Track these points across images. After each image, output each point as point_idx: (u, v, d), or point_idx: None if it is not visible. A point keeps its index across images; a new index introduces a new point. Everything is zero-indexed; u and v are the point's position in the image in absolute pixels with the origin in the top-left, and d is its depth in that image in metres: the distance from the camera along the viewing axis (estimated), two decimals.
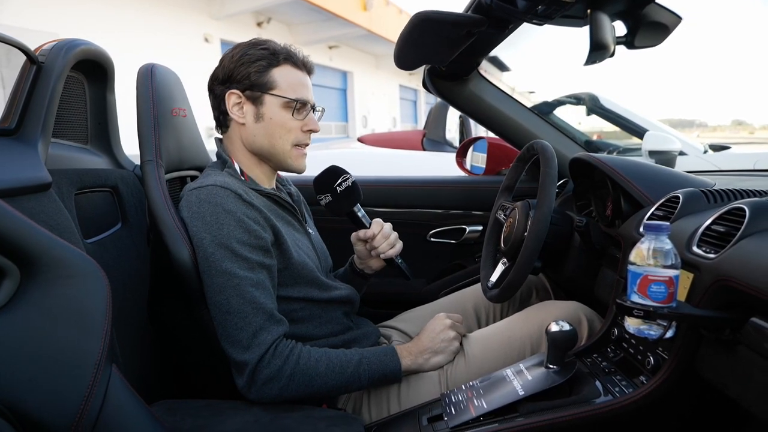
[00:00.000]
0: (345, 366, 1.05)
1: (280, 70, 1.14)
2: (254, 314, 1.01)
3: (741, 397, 0.76)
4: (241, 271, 1.02)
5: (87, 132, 1.24)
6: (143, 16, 8.67)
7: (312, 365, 1.03)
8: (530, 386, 0.96)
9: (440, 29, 1.17)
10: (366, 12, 13.51)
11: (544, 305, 1.27)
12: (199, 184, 1.08)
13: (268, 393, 1.01)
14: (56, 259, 0.72)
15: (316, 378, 1.02)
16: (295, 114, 1.15)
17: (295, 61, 1.16)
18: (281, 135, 1.16)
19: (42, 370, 0.67)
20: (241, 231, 1.03)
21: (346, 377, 1.05)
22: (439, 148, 3.88)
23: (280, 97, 1.13)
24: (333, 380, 1.04)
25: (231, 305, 1.01)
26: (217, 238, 1.02)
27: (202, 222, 1.04)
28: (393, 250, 1.29)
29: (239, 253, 1.02)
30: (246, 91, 1.14)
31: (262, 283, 1.04)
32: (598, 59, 0.94)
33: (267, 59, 1.13)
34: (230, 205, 1.04)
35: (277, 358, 1.01)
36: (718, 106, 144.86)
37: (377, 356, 1.09)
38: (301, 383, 1.02)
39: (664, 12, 0.93)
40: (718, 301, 0.78)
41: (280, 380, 1.00)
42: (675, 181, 1.17)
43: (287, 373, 1.01)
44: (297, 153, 1.19)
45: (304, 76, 1.18)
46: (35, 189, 0.90)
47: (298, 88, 1.15)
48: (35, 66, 1.01)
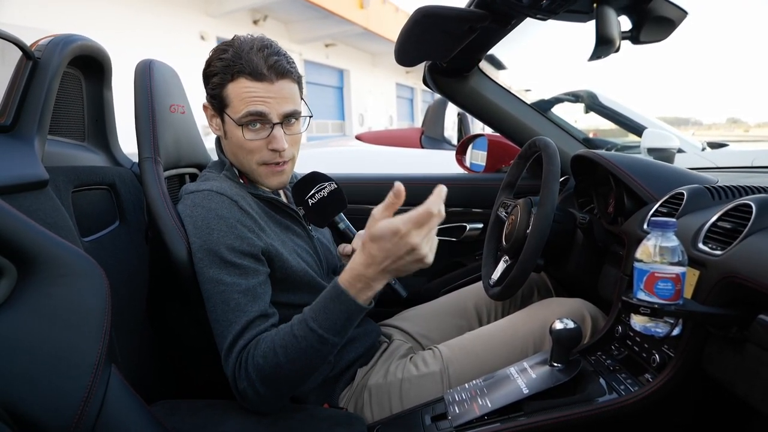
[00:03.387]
0: (296, 342, 0.89)
1: (234, 85, 1.02)
2: (236, 322, 0.95)
3: (748, 394, 0.75)
4: (228, 277, 0.97)
5: (84, 129, 1.23)
6: (139, 14, 8.64)
7: (265, 363, 0.90)
8: (534, 385, 0.95)
9: (442, 25, 1.16)
10: (363, 10, 13.50)
11: (547, 303, 1.26)
12: (196, 188, 1.06)
13: (254, 404, 0.94)
14: (54, 257, 0.71)
15: (279, 370, 0.90)
16: (248, 134, 1.04)
17: (250, 71, 1.00)
18: (243, 155, 1.08)
19: (40, 370, 0.66)
20: (233, 237, 0.98)
21: (308, 350, 0.88)
22: (437, 145, 3.87)
23: (230, 117, 1.04)
24: (298, 361, 0.89)
25: (217, 313, 0.97)
26: (206, 244, 0.99)
27: (194, 226, 1.01)
28: None
29: (228, 260, 0.97)
30: (212, 105, 1.09)
31: (251, 290, 0.98)
32: (603, 54, 0.94)
33: (221, 74, 1.03)
34: (224, 210, 1.00)
35: (243, 368, 0.92)
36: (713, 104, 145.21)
37: (325, 307, 0.88)
38: (272, 383, 0.91)
39: (670, 6, 0.92)
40: (725, 299, 0.78)
41: (255, 388, 0.91)
42: (678, 178, 1.17)
43: (253, 379, 0.91)
44: (266, 171, 1.09)
45: (264, 87, 1.01)
46: (32, 186, 0.89)
47: (252, 103, 1.01)
48: (31, 62, 1.00)
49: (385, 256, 0.83)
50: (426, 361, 1.16)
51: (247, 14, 11.80)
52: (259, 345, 0.93)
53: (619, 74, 31.45)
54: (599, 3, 0.90)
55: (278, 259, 1.05)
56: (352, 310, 0.88)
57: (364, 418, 1.08)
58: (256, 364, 0.91)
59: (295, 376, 0.92)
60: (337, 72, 16.69)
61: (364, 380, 1.16)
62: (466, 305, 1.42)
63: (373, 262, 0.84)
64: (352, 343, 1.18)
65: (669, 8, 0.93)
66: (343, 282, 0.88)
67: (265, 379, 0.91)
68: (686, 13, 0.94)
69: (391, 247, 0.82)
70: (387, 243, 0.81)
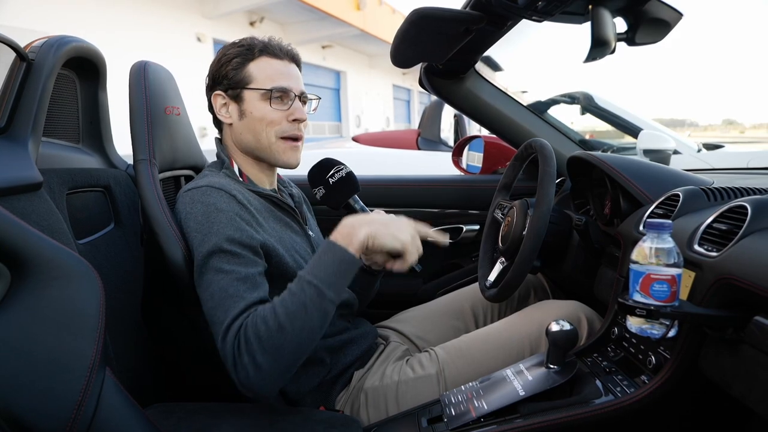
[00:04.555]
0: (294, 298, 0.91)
1: (257, 63, 1.13)
2: (235, 307, 0.93)
3: (745, 396, 0.75)
4: (228, 266, 0.97)
5: (78, 131, 1.23)
6: (135, 15, 8.62)
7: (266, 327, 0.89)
8: (531, 386, 0.95)
9: (438, 26, 1.16)
10: (359, 11, 13.51)
11: (544, 305, 1.26)
12: (194, 185, 1.07)
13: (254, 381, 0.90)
14: (48, 260, 0.70)
15: (280, 333, 0.89)
16: (275, 104, 1.12)
17: (273, 51, 1.14)
18: (263, 128, 1.13)
19: (34, 373, 0.66)
20: (233, 229, 0.99)
21: (307, 305, 0.90)
22: (434, 147, 3.88)
23: (256, 89, 1.12)
24: (299, 319, 0.90)
25: (215, 300, 0.95)
26: (207, 236, 0.99)
27: (194, 221, 1.01)
28: None
29: (227, 249, 0.98)
30: (228, 90, 1.14)
31: (251, 278, 0.98)
32: (598, 56, 0.94)
33: (242, 55, 1.13)
34: (223, 204, 1.02)
35: (242, 343, 0.90)
36: (709, 106, 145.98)
37: (317, 260, 0.95)
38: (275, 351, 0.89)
39: (665, 8, 0.92)
40: (721, 300, 0.78)
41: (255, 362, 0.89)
42: (674, 180, 1.17)
43: (254, 350, 0.89)
44: (284, 146, 1.15)
45: (284, 65, 1.15)
46: (26, 189, 0.89)
47: (276, 78, 1.13)
48: (25, 63, 1.00)
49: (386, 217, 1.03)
50: (422, 363, 1.16)
51: (244, 16, 11.79)
52: (257, 313, 0.92)
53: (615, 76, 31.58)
54: (594, 5, 0.90)
55: (275, 255, 1.05)
56: (343, 259, 0.95)
57: (360, 420, 1.08)
58: (256, 330, 0.89)
59: (296, 339, 0.90)
60: (334, 74, 16.70)
61: (361, 383, 1.16)
62: (462, 307, 1.42)
63: (368, 216, 1.02)
64: (349, 346, 1.18)
65: (664, 10, 0.93)
66: (331, 236, 0.99)
67: (266, 346, 0.89)
68: (681, 15, 0.94)
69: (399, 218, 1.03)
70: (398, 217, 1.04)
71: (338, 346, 1.17)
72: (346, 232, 0.97)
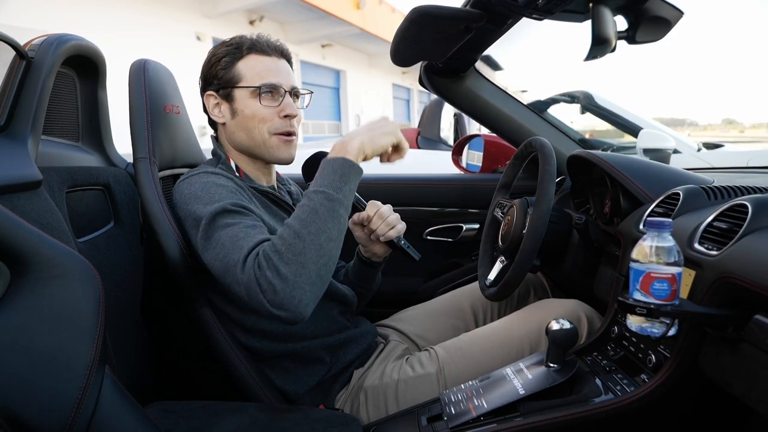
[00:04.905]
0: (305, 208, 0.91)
1: (245, 61, 1.13)
2: (247, 245, 0.92)
3: (745, 395, 0.75)
4: (234, 220, 0.97)
5: (78, 129, 1.22)
6: (134, 15, 8.62)
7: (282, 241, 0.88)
8: (531, 385, 0.95)
9: (438, 24, 1.16)
10: (359, 10, 13.50)
11: (543, 303, 1.26)
12: (189, 173, 1.10)
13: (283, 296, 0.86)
14: (47, 258, 0.70)
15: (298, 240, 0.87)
16: (265, 101, 1.12)
17: (261, 48, 1.14)
18: (255, 125, 1.13)
19: (33, 372, 0.66)
20: (235, 198, 1.02)
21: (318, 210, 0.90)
22: (433, 146, 3.88)
23: (246, 87, 1.12)
24: (313, 223, 0.89)
25: (227, 248, 0.93)
26: (209, 204, 0.99)
27: (194, 198, 1.02)
28: (393, 231, 1.22)
29: (232, 209, 0.98)
30: (219, 90, 1.15)
31: (257, 225, 0.98)
32: (599, 54, 0.93)
33: (231, 54, 1.13)
34: (222, 181, 1.05)
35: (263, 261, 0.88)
36: (709, 105, 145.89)
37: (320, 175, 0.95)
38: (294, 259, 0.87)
39: (666, 6, 0.92)
40: (721, 299, 0.78)
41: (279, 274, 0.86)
42: (674, 178, 1.17)
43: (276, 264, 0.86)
44: (278, 141, 1.15)
45: (273, 62, 1.15)
46: (25, 187, 0.89)
47: (265, 74, 1.13)
48: (24, 61, 0.99)
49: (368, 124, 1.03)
50: (422, 362, 1.16)
51: (243, 15, 11.79)
52: (274, 237, 0.91)
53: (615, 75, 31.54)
54: (595, 3, 0.89)
55: None
56: (343, 165, 0.95)
57: (360, 419, 1.08)
58: (274, 247, 0.88)
59: (315, 242, 0.88)
60: (334, 73, 16.69)
61: (360, 381, 1.16)
62: (462, 306, 1.42)
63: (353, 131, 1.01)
64: (348, 345, 1.18)
65: (665, 8, 0.93)
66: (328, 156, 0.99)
67: (286, 256, 0.86)
68: (682, 13, 0.94)
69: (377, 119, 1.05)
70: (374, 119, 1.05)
71: (338, 344, 1.17)
72: (338, 147, 0.98)
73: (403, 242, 1.26)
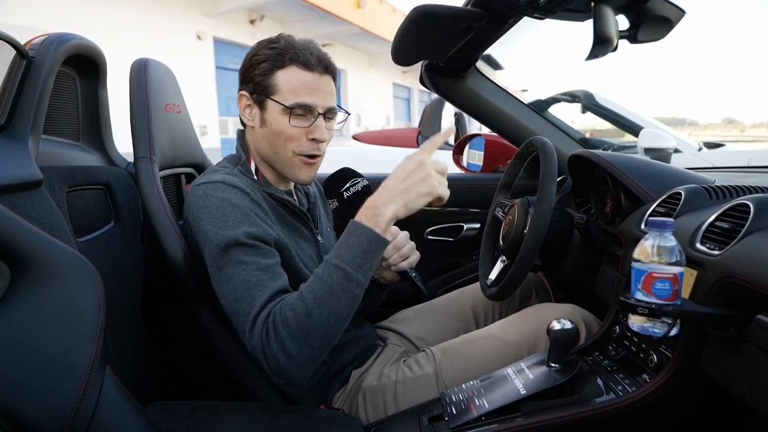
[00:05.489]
0: (322, 283, 0.90)
1: (285, 72, 1.05)
2: (260, 296, 0.93)
3: (746, 395, 0.75)
4: (247, 257, 0.96)
5: (78, 128, 1.22)
6: (135, 14, 8.61)
7: (293, 314, 0.89)
8: (532, 385, 0.95)
9: (439, 24, 1.16)
10: (359, 10, 13.49)
11: (541, 307, 1.26)
12: (207, 179, 1.04)
13: (285, 370, 0.90)
14: (48, 258, 0.70)
15: (308, 319, 0.88)
16: (295, 120, 1.05)
17: (303, 60, 1.04)
18: (281, 142, 1.07)
19: (34, 371, 0.66)
20: (248, 223, 0.98)
21: (335, 289, 0.89)
22: None
23: (278, 102, 1.05)
24: (327, 304, 0.89)
25: (238, 292, 0.94)
26: (223, 230, 0.97)
27: (208, 215, 0.99)
28: (405, 263, 1.19)
29: (246, 243, 0.96)
30: (253, 94, 1.08)
31: (271, 267, 0.97)
32: (601, 54, 0.93)
33: (271, 60, 1.05)
34: (237, 200, 1.00)
35: (271, 333, 0.90)
36: (709, 105, 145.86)
37: (344, 243, 0.93)
38: (303, 337, 0.89)
39: (668, 6, 0.92)
40: (723, 299, 0.77)
41: (285, 350, 0.89)
42: (675, 178, 1.16)
43: (283, 338, 0.89)
44: (300, 162, 1.09)
45: (314, 78, 1.06)
46: (26, 186, 0.88)
47: (301, 92, 1.05)
48: (25, 60, 0.99)
49: (397, 175, 0.94)
50: (419, 363, 1.16)
51: (244, 14, 11.77)
52: (284, 302, 0.92)
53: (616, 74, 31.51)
54: (597, 2, 0.89)
55: (286, 252, 1.05)
56: (370, 240, 0.91)
57: (359, 419, 1.07)
58: (284, 319, 0.89)
59: (324, 325, 0.89)
60: None
61: (359, 382, 1.15)
62: (463, 307, 1.41)
63: (384, 188, 0.94)
64: (348, 345, 1.18)
65: (667, 7, 0.92)
66: (356, 217, 0.94)
67: (295, 333, 0.88)
68: (684, 13, 0.93)
69: (403, 165, 0.95)
70: (400, 166, 0.95)
71: (338, 345, 1.16)
72: (371, 214, 0.92)
73: (414, 274, 1.23)
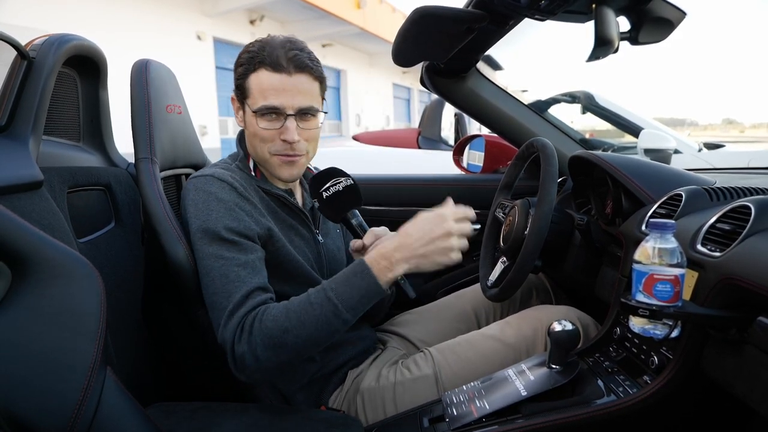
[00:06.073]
0: (311, 308, 0.93)
1: (255, 75, 1.05)
2: (236, 292, 0.96)
3: (747, 396, 0.75)
4: (228, 252, 0.99)
5: (79, 129, 1.22)
6: (135, 14, 8.61)
7: (274, 325, 0.92)
8: (533, 387, 0.95)
9: (440, 25, 1.16)
10: (359, 10, 13.50)
11: (538, 309, 1.25)
12: (200, 173, 1.08)
13: (249, 370, 0.93)
14: (49, 258, 0.70)
15: (286, 335, 0.91)
16: (265, 122, 1.06)
17: (272, 62, 1.03)
18: (258, 143, 1.09)
19: (35, 372, 0.65)
20: (231, 218, 1.01)
21: (320, 319, 0.92)
22: (434, 146, 3.87)
23: (249, 106, 1.07)
24: (307, 329, 0.92)
25: (216, 286, 0.98)
26: (205, 223, 1.01)
27: (194, 208, 1.04)
28: None
29: (226, 238, 1.00)
30: (237, 97, 1.12)
31: (250, 263, 1.00)
32: (602, 55, 0.93)
33: (246, 64, 1.07)
34: (223, 194, 1.03)
35: (245, 332, 0.93)
36: (709, 105, 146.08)
37: (346, 280, 0.95)
38: (275, 348, 0.92)
39: (669, 7, 0.92)
40: (724, 300, 0.77)
41: (255, 353, 0.92)
42: (676, 179, 1.16)
43: (256, 343, 0.92)
44: (278, 161, 1.10)
45: (282, 79, 1.04)
46: (26, 187, 0.88)
47: (268, 94, 1.04)
48: (26, 61, 0.99)
49: (420, 235, 0.94)
50: (418, 363, 1.15)
51: (244, 14, 11.77)
52: (269, 310, 0.95)
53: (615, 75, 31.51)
54: (598, 3, 0.89)
55: (273, 243, 1.07)
56: (371, 289, 0.94)
57: (359, 420, 1.07)
58: (263, 328, 0.92)
59: (299, 345, 0.93)
60: (334, 72, 16.68)
61: (356, 384, 1.15)
62: (464, 308, 1.41)
63: (404, 243, 0.94)
64: (344, 345, 1.17)
65: (668, 9, 0.92)
66: (368, 258, 0.96)
67: (269, 343, 0.92)
68: (685, 14, 0.93)
69: (430, 226, 0.94)
70: (427, 223, 0.94)
71: (333, 344, 1.15)
72: (383, 265, 0.94)
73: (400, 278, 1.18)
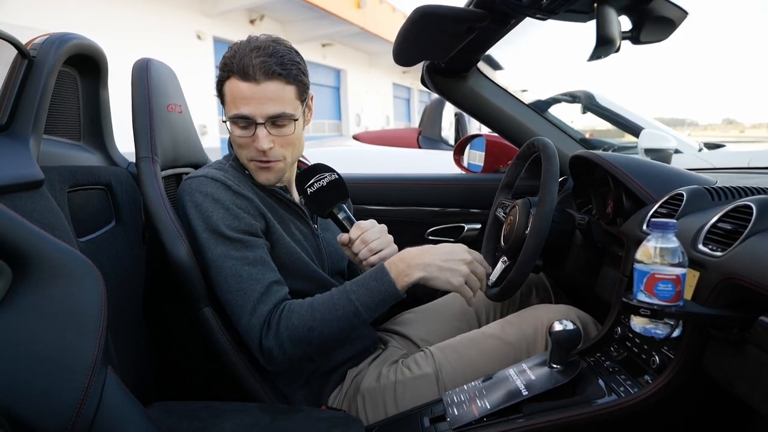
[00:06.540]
0: (334, 309, 1.01)
1: (228, 84, 1.05)
2: (254, 289, 1.02)
3: (748, 396, 0.75)
4: (235, 252, 1.04)
5: (80, 128, 1.22)
6: (135, 14, 8.62)
7: (300, 323, 1.00)
8: (534, 386, 0.95)
9: (441, 24, 1.15)
10: (359, 10, 13.50)
11: (538, 308, 1.25)
12: (194, 174, 1.10)
13: (276, 361, 1.03)
14: (49, 258, 0.70)
15: (311, 332, 1.00)
16: (237, 131, 1.07)
17: (239, 71, 1.02)
18: (236, 148, 1.12)
19: (35, 371, 0.65)
20: (231, 218, 1.05)
21: (342, 319, 1.00)
22: (434, 146, 3.87)
23: (225, 113, 1.09)
24: (330, 327, 1.01)
25: (230, 285, 1.03)
26: (209, 226, 1.05)
27: (196, 210, 1.06)
28: (375, 257, 1.08)
29: (231, 237, 1.04)
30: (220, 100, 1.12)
31: (260, 259, 1.05)
32: (603, 54, 0.93)
33: (221, 71, 1.07)
34: (219, 194, 1.06)
35: (273, 328, 1.01)
36: (709, 105, 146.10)
37: (365, 284, 1.02)
38: (301, 343, 1.01)
39: (671, 7, 0.91)
40: (726, 300, 0.77)
41: (282, 347, 1.01)
42: (677, 179, 1.16)
43: (283, 338, 1.01)
44: (255, 166, 1.11)
45: (249, 87, 1.02)
46: (27, 186, 0.88)
47: (238, 103, 1.04)
48: (26, 60, 0.99)
49: (442, 251, 1.03)
50: (418, 362, 1.15)
51: (244, 14, 11.78)
52: (294, 307, 1.02)
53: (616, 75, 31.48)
54: (600, 3, 0.89)
55: (271, 235, 1.10)
56: (388, 292, 1.01)
57: (360, 420, 1.07)
58: (290, 326, 1.00)
59: (323, 340, 1.01)
60: (334, 72, 16.69)
61: (356, 383, 1.15)
62: (465, 307, 1.40)
63: (426, 251, 1.03)
64: (343, 344, 1.17)
65: (669, 8, 0.92)
66: (387, 263, 1.03)
67: (295, 338, 1.00)
68: (686, 14, 0.93)
69: (453, 249, 1.05)
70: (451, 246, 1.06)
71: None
72: (401, 269, 1.01)
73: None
